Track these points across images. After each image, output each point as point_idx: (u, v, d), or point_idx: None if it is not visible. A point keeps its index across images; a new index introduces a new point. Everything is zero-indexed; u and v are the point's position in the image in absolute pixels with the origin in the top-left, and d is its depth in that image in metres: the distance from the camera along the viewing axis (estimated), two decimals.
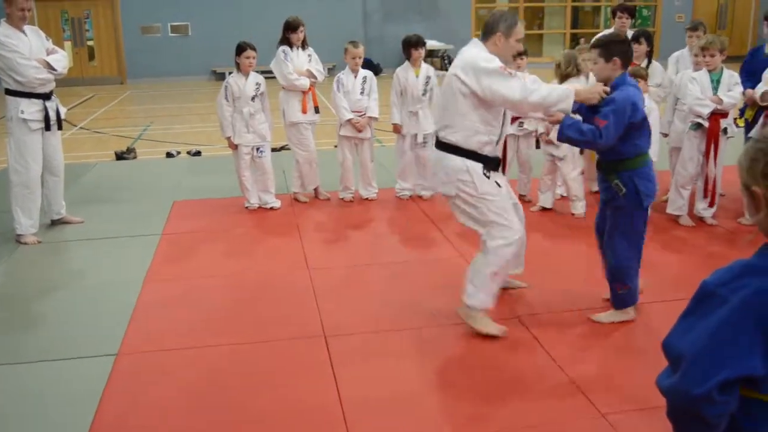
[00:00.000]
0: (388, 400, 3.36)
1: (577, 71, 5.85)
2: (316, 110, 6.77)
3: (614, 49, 3.89)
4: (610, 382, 3.44)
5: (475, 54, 3.81)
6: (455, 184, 3.87)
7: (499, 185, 3.89)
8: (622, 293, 4.05)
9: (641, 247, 4.05)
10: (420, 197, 6.79)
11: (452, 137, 3.85)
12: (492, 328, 3.94)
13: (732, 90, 5.54)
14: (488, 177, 3.85)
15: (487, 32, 3.88)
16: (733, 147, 5.94)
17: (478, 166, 3.84)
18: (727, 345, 1.51)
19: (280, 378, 3.58)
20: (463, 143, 3.83)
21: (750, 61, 6.50)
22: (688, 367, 1.54)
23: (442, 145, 3.91)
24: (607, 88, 3.86)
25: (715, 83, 5.57)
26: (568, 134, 3.83)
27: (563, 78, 5.86)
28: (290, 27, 6.63)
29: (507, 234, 3.88)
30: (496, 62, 3.74)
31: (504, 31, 3.82)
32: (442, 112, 3.95)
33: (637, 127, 3.84)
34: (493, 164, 3.90)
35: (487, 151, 3.87)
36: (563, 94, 3.78)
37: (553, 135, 5.81)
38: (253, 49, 6.38)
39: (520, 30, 3.87)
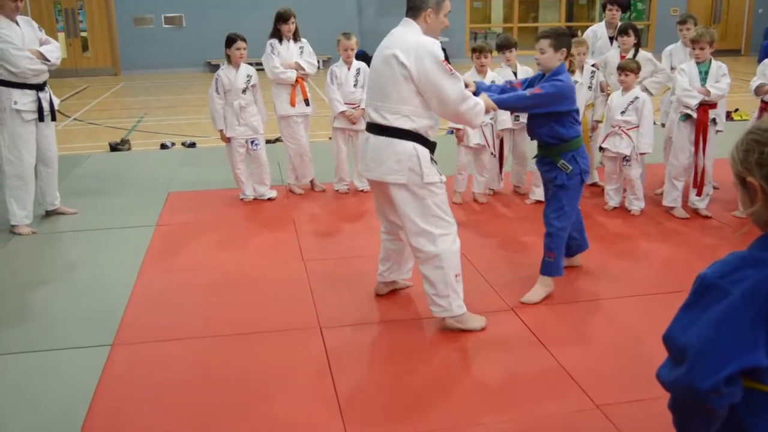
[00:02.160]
0: (383, 391, 3.37)
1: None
2: (306, 103, 6.70)
3: (564, 41, 4.07)
4: (605, 374, 3.45)
5: (420, 39, 3.61)
6: (406, 173, 3.67)
7: (440, 174, 3.76)
8: (548, 260, 4.27)
9: (573, 220, 4.31)
10: None
11: (398, 122, 3.64)
12: (479, 321, 3.95)
13: (719, 81, 5.60)
14: (435, 163, 3.74)
15: (416, 8, 3.68)
16: (730, 139, 5.96)
17: (426, 152, 3.70)
18: (733, 338, 1.51)
19: (275, 369, 3.58)
20: (410, 127, 3.65)
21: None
22: (694, 360, 1.54)
23: (385, 130, 3.69)
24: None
25: (704, 75, 5.65)
26: (505, 102, 4.01)
27: None
28: (281, 18, 6.58)
29: (451, 230, 3.79)
30: (441, 55, 3.58)
31: (434, 6, 3.66)
32: (380, 94, 3.70)
33: (575, 113, 4.16)
34: (434, 149, 3.78)
35: (432, 135, 3.76)
36: (482, 110, 3.75)
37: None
38: (243, 40, 6.31)
39: (449, 4, 3.76)
